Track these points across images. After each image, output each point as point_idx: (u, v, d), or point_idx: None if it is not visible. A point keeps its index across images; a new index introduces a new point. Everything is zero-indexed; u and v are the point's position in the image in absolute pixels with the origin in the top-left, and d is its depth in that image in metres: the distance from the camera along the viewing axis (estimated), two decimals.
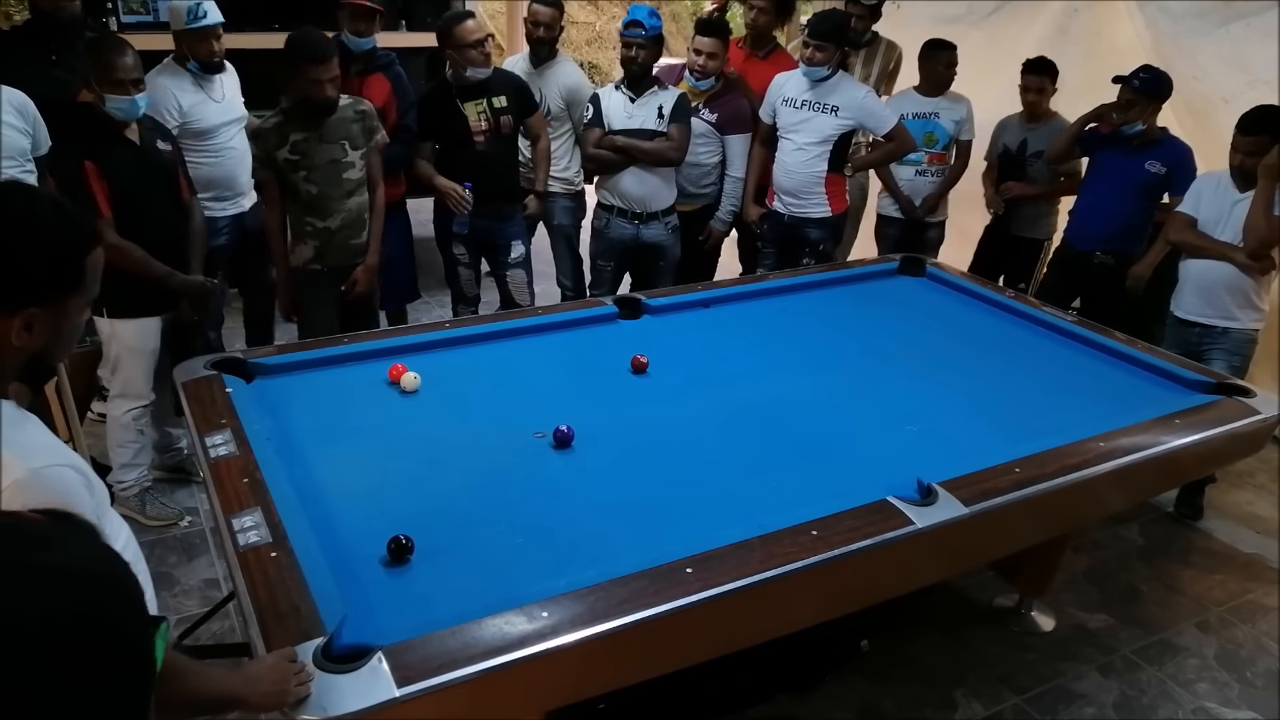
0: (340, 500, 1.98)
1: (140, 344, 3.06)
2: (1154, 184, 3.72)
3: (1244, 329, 3.31)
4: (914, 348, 2.93)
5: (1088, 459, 2.23)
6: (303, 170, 3.16)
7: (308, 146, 3.15)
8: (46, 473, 1.18)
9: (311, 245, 3.28)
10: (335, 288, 3.35)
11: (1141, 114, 3.63)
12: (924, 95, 4.24)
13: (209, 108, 3.42)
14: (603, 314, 3.05)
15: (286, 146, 3.13)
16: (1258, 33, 3.74)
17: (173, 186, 3.05)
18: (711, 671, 2.03)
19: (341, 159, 3.20)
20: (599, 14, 12.08)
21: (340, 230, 3.27)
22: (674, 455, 2.26)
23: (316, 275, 3.32)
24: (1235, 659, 2.83)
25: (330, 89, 3.10)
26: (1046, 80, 4.01)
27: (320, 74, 3.05)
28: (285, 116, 3.16)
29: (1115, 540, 3.40)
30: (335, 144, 3.19)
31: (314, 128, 3.15)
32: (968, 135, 4.26)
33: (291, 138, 3.13)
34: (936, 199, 4.32)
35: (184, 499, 3.35)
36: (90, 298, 1.31)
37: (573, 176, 4.22)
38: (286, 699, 1.39)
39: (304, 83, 3.07)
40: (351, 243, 3.31)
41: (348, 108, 3.22)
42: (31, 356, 1.26)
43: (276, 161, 3.15)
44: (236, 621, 2.70)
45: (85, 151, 2.80)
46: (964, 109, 4.23)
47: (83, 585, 0.70)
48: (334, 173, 3.19)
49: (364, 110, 3.28)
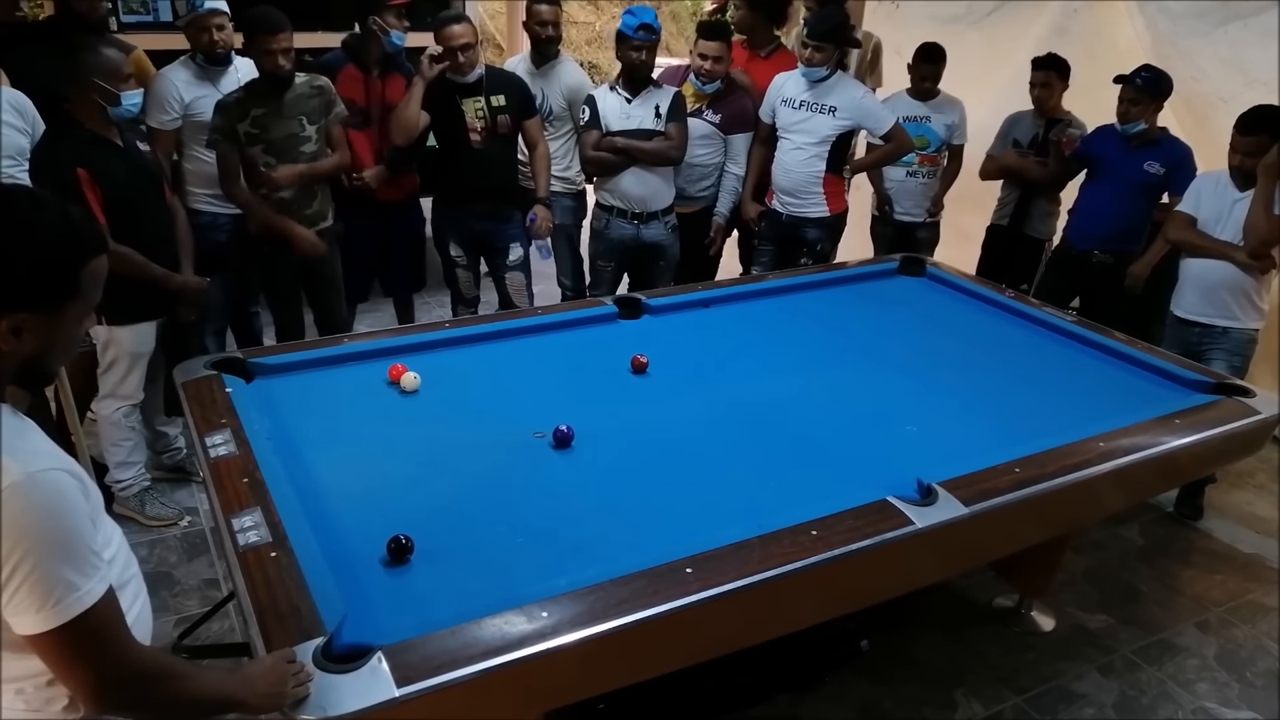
0: (340, 500, 1.98)
1: (137, 349, 3.06)
2: (1153, 184, 3.72)
3: (1244, 329, 3.31)
4: (914, 348, 2.93)
5: (1088, 459, 2.23)
6: (260, 144, 3.28)
7: (267, 120, 3.27)
8: (42, 477, 1.18)
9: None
10: (292, 258, 3.46)
11: (1143, 113, 3.63)
12: (916, 98, 4.22)
13: (212, 100, 3.36)
14: (603, 314, 3.05)
15: (247, 120, 3.26)
16: (1256, 33, 3.75)
17: (160, 188, 3.06)
18: (711, 671, 2.03)
19: (299, 133, 3.34)
20: (599, 14, 12.08)
21: (292, 201, 3.38)
22: (674, 455, 2.26)
23: (273, 243, 3.43)
24: (1235, 659, 2.83)
25: (282, 60, 3.21)
26: (1053, 75, 3.97)
27: (271, 44, 3.16)
28: (247, 92, 3.30)
29: (1115, 540, 3.40)
30: (293, 119, 3.32)
31: (273, 102, 3.28)
32: (960, 139, 4.26)
33: (252, 112, 3.26)
34: (939, 199, 4.32)
35: (184, 499, 3.35)
36: (90, 307, 1.31)
37: (574, 176, 4.22)
38: (284, 700, 1.39)
39: (258, 55, 3.20)
40: (305, 213, 3.42)
41: (305, 84, 3.35)
42: (25, 361, 1.25)
43: (237, 134, 3.26)
44: (236, 621, 2.70)
45: (75, 158, 2.74)
46: (956, 114, 4.22)
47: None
48: (290, 146, 3.32)
49: (321, 85, 3.41)
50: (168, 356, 3.07)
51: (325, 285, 3.63)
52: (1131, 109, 3.64)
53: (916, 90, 4.23)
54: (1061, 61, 3.98)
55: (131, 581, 1.42)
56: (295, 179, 3.33)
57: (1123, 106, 3.68)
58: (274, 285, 3.61)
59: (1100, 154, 3.84)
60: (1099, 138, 3.87)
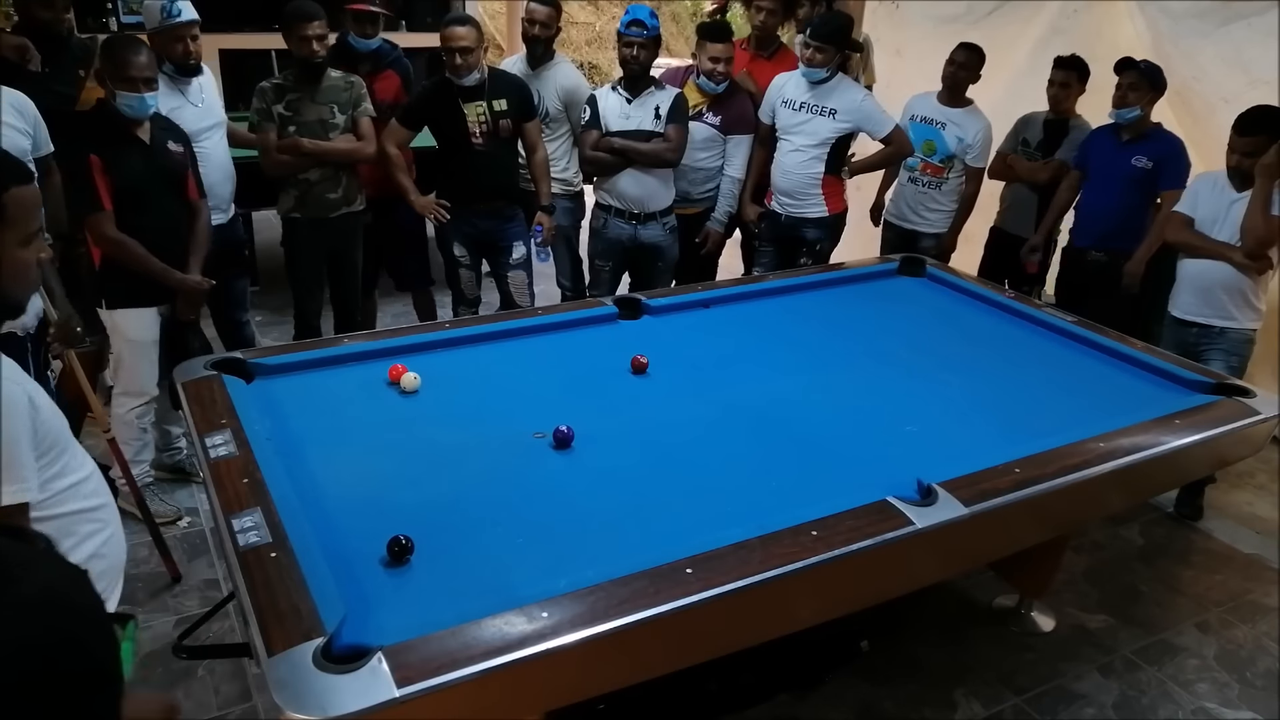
0: (340, 500, 1.98)
1: (139, 335, 3.08)
2: (1142, 178, 3.71)
3: (1242, 329, 3.31)
4: (914, 348, 2.93)
5: (1088, 459, 2.23)
6: (292, 126, 3.55)
7: (300, 104, 3.55)
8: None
9: (292, 195, 3.65)
10: (317, 240, 3.71)
11: (1139, 100, 3.64)
12: (942, 103, 4.15)
13: (186, 112, 3.31)
14: (603, 314, 3.05)
15: (282, 103, 3.54)
16: (1258, 33, 3.75)
17: (180, 187, 3.09)
18: (712, 671, 2.03)
19: (328, 119, 3.59)
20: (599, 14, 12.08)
21: (319, 183, 3.62)
22: (674, 455, 2.25)
23: (297, 224, 3.69)
24: (1235, 659, 2.83)
25: (316, 46, 3.46)
26: (1073, 75, 3.95)
27: (304, 30, 3.43)
28: (284, 78, 3.59)
29: (1115, 540, 3.40)
30: (325, 105, 3.58)
31: (307, 89, 3.55)
32: (978, 162, 4.11)
33: (287, 96, 3.55)
34: (956, 226, 4.22)
35: (184, 499, 3.35)
36: (26, 235, 1.38)
37: (571, 177, 4.22)
38: None
39: (293, 41, 3.47)
40: (328, 196, 3.65)
41: (340, 78, 3.63)
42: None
43: (272, 114, 3.53)
44: (236, 621, 2.70)
45: (91, 146, 2.86)
46: (975, 131, 4.06)
47: (52, 613, 0.71)
48: (319, 131, 3.57)
49: (353, 81, 3.68)
50: (168, 358, 3.07)
51: (348, 270, 3.87)
52: (1129, 94, 3.65)
53: (945, 86, 4.12)
54: (1083, 64, 3.95)
55: (100, 510, 1.47)
56: (297, 148, 3.52)
57: (1120, 92, 3.68)
58: (299, 271, 3.81)
59: (1093, 155, 3.85)
60: (1091, 140, 3.88)
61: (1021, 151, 4.16)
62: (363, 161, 3.69)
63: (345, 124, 3.62)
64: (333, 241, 3.75)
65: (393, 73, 4.04)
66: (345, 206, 3.70)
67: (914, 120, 4.14)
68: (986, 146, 4.12)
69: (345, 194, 3.68)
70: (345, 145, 3.61)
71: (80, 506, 1.37)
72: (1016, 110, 4.24)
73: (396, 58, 4.10)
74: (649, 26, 3.74)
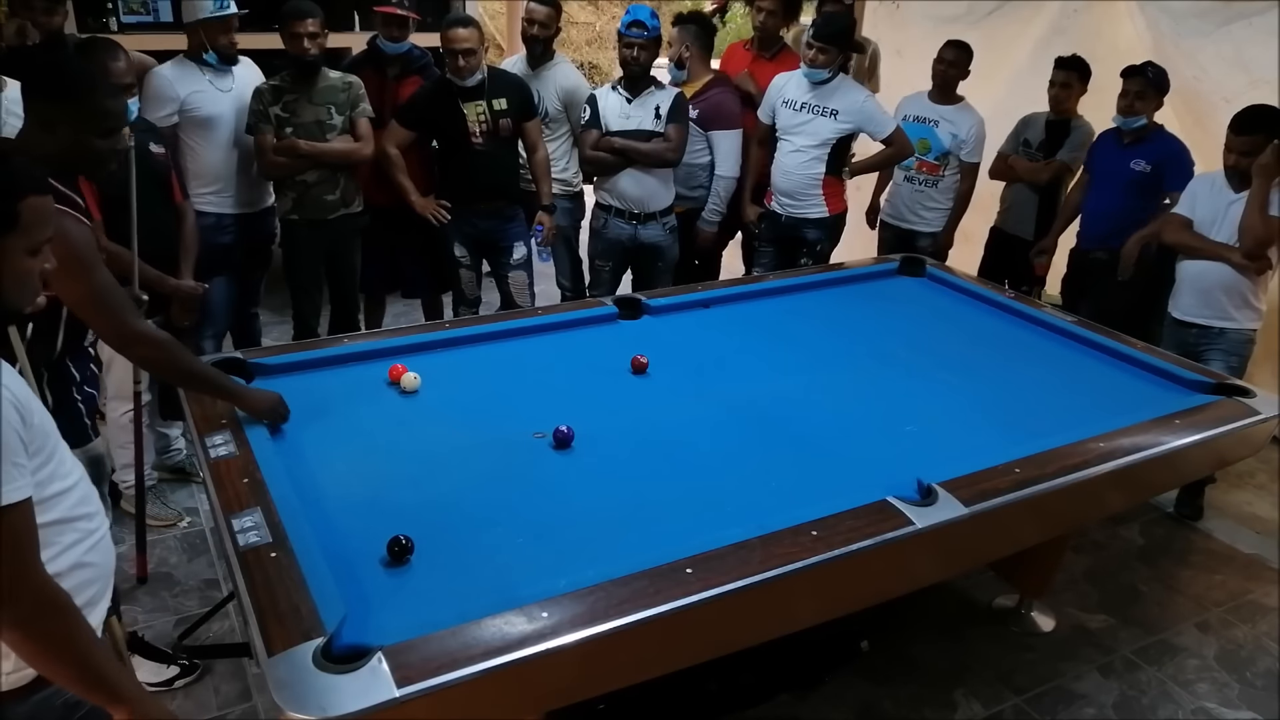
0: (340, 500, 1.98)
1: None
2: (1142, 181, 3.70)
3: (1241, 329, 3.30)
4: (914, 348, 2.93)
5: (1088, 459, 2.23)
6: (289, 127, 3.50)
7: (297, 105, 3.51)
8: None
9: (290, 197, 3.62)
10: (315, 242, 3.69)
11: (1146, 107, 3.63)
12: (933, 101, 4.16)
13: (207, 95, 3.42)
14: (603, 314, 3.05)
15: (279, 104, 3.50)
16: (1259, 32, 3.74)
17: (164, 189, 3.07)
18: (712, 671, 2.03)
19: (325, 120, 3.56)
20: (599, 14, 12.09)
21: (316, 185, 3.59)
22: (674, 455, 2.25)
23: (295, 226, 3.67)
24: (1235, 659, 2.83)
25: (308, 44, 3.43)
26: (1074, 76, 3.93)
27: (298, 28, 3.41)
28: (281, 80, 3.54)
29: (1115, 540, 3.40)
30: (321, 106, 3.55)
31: (304, 89, 3.51)
32: (972, 157, 4.11)
33: (285, 97, 3.51)
34: (952, 223, 4.22)
35: (184, 499, 3.35)
36: (35, 244, 1.37)
37: (571, 178, 4.21)
38: None
39: (287, 39, 3.45)
40: (326, 198, 3.63)
41: (338, 79, 3.59)
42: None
43: (270, 116, 3.49)
44: (236, 621, 2.70)
45: None
46: (968, 127, 4.06)
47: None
48: (316, 132, 3.54)
49: (351, 82, 3.63)
50: None
51: (346, 272, 3.87)
52: (1136, 103, 3.63)
53: (935, 85, 4.14)
54: (1084, 64, 3.94)
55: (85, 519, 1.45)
56: (294, 149, 3.48)
57: (1127, 100, 3.66)
58: (297, 273, 3.79)
59: (1096, 157, 3.85)
60: (1097, 143, 3.89)
61: (1022, 152, 4.15)
62: (360, 162, 3.66)
63: (343, 125, 3.59)
64: (330, 244, 3.72)
65: (420, 78, 3.92)
66: (343, 208, 3.67)
67: (907, 120, 4.13)
68: (980, 142, 4.12)
69: (343, 196, 3.66)
70: (342, 146, 3.58)
71: (62, 515, 1.36)
72: (1017, 110, 4.24)
73: (426, 63, 4.00)
74: (649, 27, 3.74)
